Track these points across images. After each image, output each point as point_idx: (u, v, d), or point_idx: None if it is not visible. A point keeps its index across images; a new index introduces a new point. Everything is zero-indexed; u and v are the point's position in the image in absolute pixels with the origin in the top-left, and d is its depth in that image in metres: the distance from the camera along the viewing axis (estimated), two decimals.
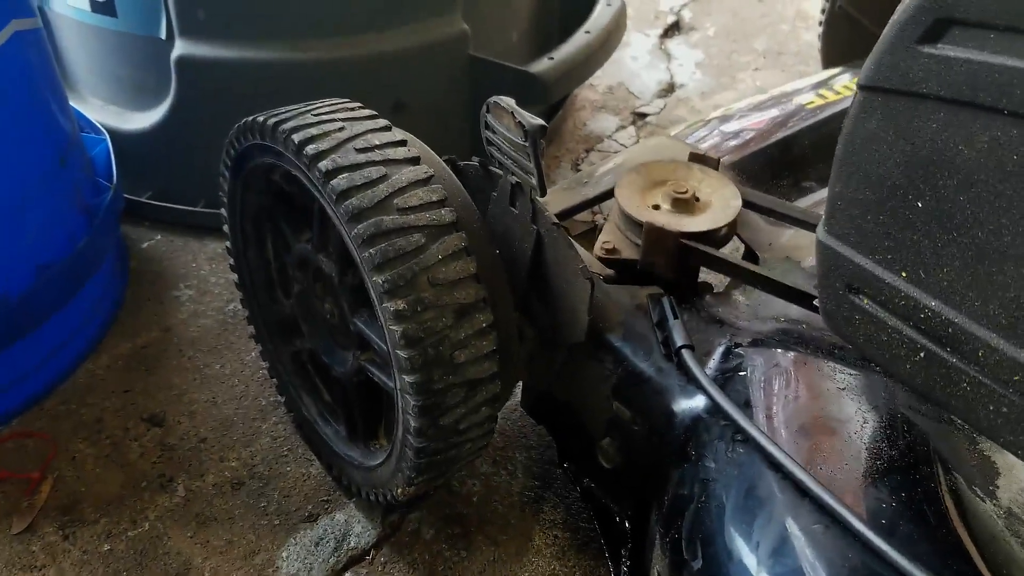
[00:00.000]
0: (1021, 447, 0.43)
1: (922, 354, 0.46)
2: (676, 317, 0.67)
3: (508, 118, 0.67)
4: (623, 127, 1.32)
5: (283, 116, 0.67)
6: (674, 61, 1.47)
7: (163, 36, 1.00)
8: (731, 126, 0.89)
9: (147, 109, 1.06)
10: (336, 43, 1.00)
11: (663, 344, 0.66)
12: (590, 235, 0.82)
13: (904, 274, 0.45)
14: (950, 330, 0.44)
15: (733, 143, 0.87)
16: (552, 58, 1.09)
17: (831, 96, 0.92)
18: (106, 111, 1.10)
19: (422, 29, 1.03)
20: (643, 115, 1.35)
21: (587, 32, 1.15)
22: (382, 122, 0.67)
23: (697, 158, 0.79)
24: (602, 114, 1.34)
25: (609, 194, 0.80)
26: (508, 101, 0.68)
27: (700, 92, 1.39)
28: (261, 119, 0.68)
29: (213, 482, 0.81)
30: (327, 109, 0.69)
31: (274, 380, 0.85)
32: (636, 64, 1.46)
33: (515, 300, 0.68)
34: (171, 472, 0.82)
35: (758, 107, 0.92)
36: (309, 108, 0.69)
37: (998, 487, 0.55)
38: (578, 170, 1.23)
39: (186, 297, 0.99)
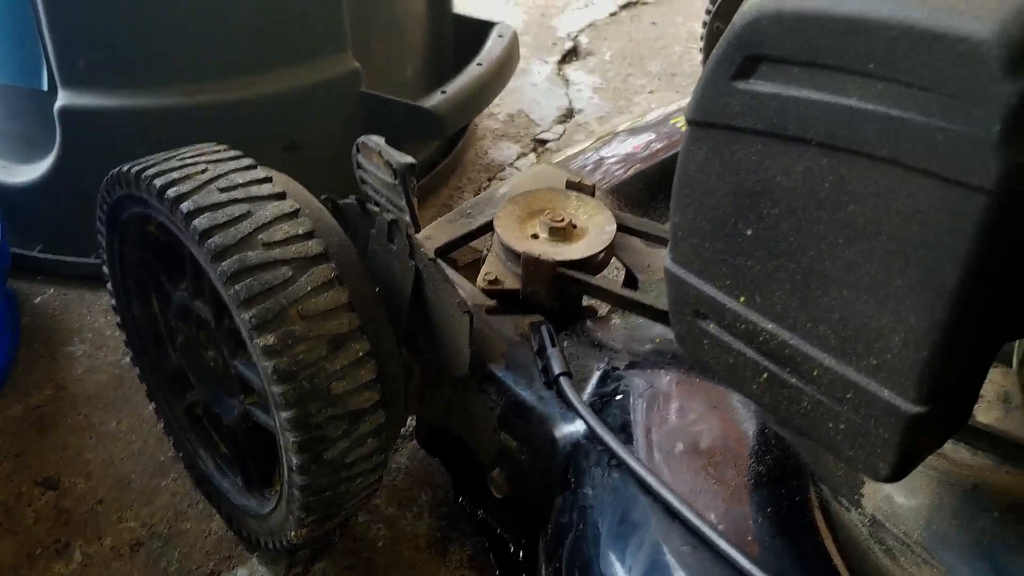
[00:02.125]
0: (860, 461, 0.45)
1: (765, 375, 0.48)
2: (554, 345, 0.68)
3: (377, 157, 0.68)
4: (524, 154, 1.34)
5: (146, 164, 0.68)
6: (572, 87, 1.50)
7: (45, 88, 0.99)
8: (610, 151, 0.91)
9: (34, 161, 1.04)
10: (223, 86, 0.99)
11: (543, 372, 0.67)
12: (478, 264, 0.83)
13: (742, 299, 0.47)
14: (787, 351, 0.46)
15: (613, 168, 0.89)
16: (445, 92, 1.11)
17: None
18: None
19: (312, 68, 1.03)
20: (543, 141, 1.37)
21: (479, 64, 1.17)
22: (246, 161, 0.68)
23: (574, 185, 0.81)
24: (503, 142, 1.36)
25: (490, 226, 0.82)
26: (376, 140, 0.69)
27: (598, 116, 1.42)
28: (126, 169, 0.68)
29: (111, 545, 0.79)
30: (192, 154, 0.69)
31: (170, 437, 0.84)
32: (536, 91, 1.48)
33: (400, 335, 0.69)
34: (67, 537, 0.80)
35: (636, 131, 0.95)
36: (174, 154, 0.70)
37: (863, 496, 0.58)
38: None
39: (81, 352, 0.97)
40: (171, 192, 0.64)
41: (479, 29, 1.25)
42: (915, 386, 0.41)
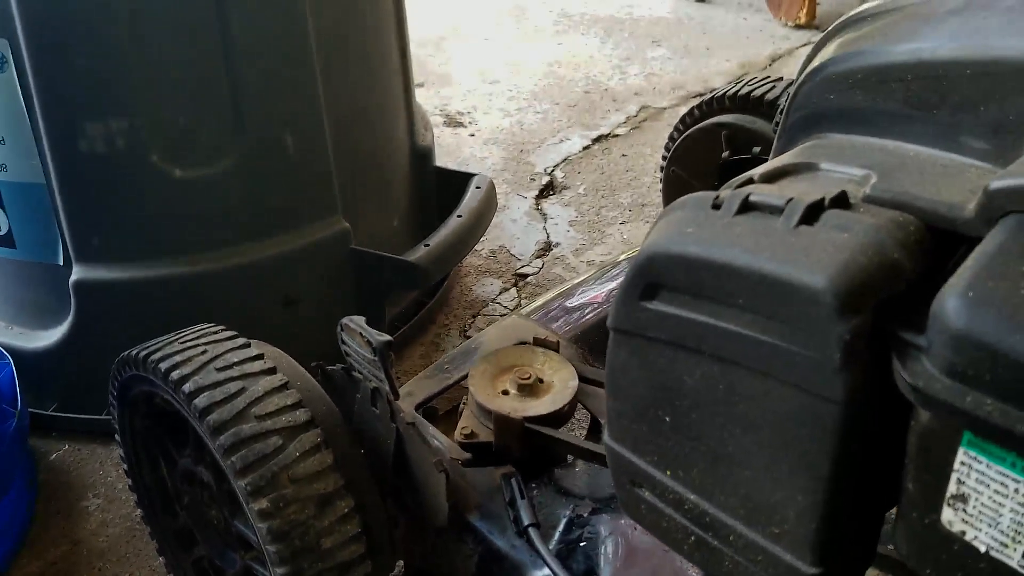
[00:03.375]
0: None
1: (693, 538, 0.55)
2: (523, 497, 0.76)
3: (358, 336, 0.77)
4: (506, 289, 1.43)
5: (152, 348, 0.77)
6: (550, 221, 1.61)
7: (60, 262, 1.09)
8: (573, 302, 1.01)
9: (49, 328, 1.14)
10: (224, 254, 1.09)
11: (514, 523, 0.75)
12: (456, 410, 0.91)
13: (668, 473, 0.55)
14: (708, 519, 0.54)
15: (575, 318, 0.98)
16: (428, 244, 1.21)
17: None
18: (10, 332, 1.17)
19: (306, 232, 1.14)
20: (524, 275, 1.46)
21: (459, 216, 1.27)
22: (240, 341, 0.77)
23: (540, 342, 0.89)
24: (486, 278, 1.46)
25: (465, 379, 0.90)
26: (357, 321, 0.78)
27: (574, 249, 1.52)
28: (135, 353, 0.77)
29: None
30: (191, 336, 0.79)
31: None
32: (515, 227, 1.59)
33: (385, 489, 0.77)
34: None
35: (599, 280, 1.04)
36: (176, 336, 0.79)
37: None
38: (466, 336, 1.33)
39: (94, 507, 1.05)
40: (174, 375, 0.73)
41: (458, 180, 1.36)
42: (810, 551, 0.49)
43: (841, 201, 0.47)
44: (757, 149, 1.18)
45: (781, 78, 1.24)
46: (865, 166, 0.52)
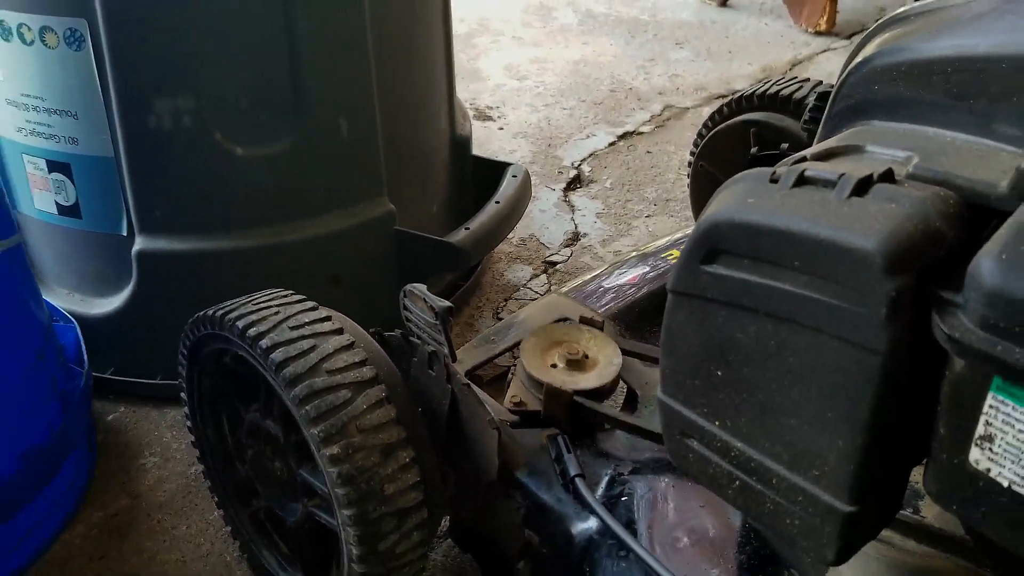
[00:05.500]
0: (812, 550, 0.58)
1: (737, 482, 0.61)
2: (569, 452, 0.82)
3: (421, 302, 0.83)
4: (536, 275, 1.49)
5: (228, 308, 0.83)
6: (577, 212, 1.66)
7: (124, 233, 1.15)
8: (611, 281, 1.07)
9: (109, 295, 1.20)
10: (277, 230, 1.15)
11: (560, 476, 0.81)
12: (503, 379, 0.97)
13: (717, 423, 0.61)
14: (752, 464, 0.60)
15: (611, 298, 1.04)
16: (468, 228, 1.27)
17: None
18: (71, 298, 1.23)
19: (353, 212, 1.20)
20: (553, 263, 1.52)
21: (497, 202, 1.33)
22: (310, 304, 0.83)
23: (586, 320, 0.95)
24: (517, 265, 1.52)
25: (510, 349, 0.96)
26: (420, 288, 0.84)
27: (601, 240, 1.58)
28: (211, 312, 0.83)
29: None
30: (264, 298, 0.85)
31: (237, 541, 0.97)
32: (545, 216, 1.65)
33: (437, 447, 0.83)
34: None
35: (632, 263, 1.10)
36: (250, 299, 0.85)
37: None
38: (499, 318, 1.39)
39: (151, 464, 1.11)
40: (251, 331, 0.79)
41: (495, 169, 1.42)
42: (847, 491, 0.55)
43: (888, 176, 0.53)
44: (785, 145, 1.24)
45: (808, 79, 1.30)
46: (908, 149, 0.58)
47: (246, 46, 1.07)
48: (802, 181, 0.54)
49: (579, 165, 1.82)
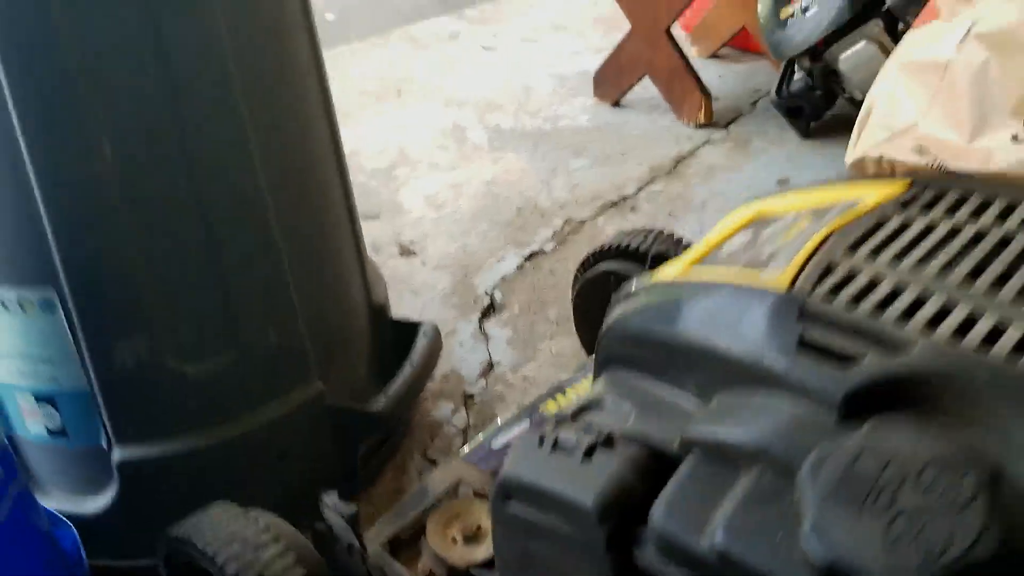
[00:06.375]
0: None
1: None
2: None
3: (332, 508, 1.10)
4: (456, 410, 1.75)
5: (184, 527, 1.08)
6: (491, 341, 1.93)
7: (104, 446, 1.40)
8: (498, 442, 1.33)
9: (97, 495, 1.45)
10: (227, 427, 1.41)
11: None
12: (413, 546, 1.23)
13: None
14: None
15: (497, 463, 1.30)
16: (387, 394, 1.53)
17: (564, 400, 1.38)
18: (64, 499, 1.49)
19: (288, 398, 1.45)
20: (471, 395, 1.79)
21: (411, 365, 1.60)
22: (252, 515, 1.09)
23: (477, 493, 1.22)
24: (441, 401, 1.78)
25: (420, 519, 1.22)
26: (331, 496, 1.11)
27: (512, 367, 1.85)
28: (172, 531, 1.09)
29: None
30: (215, 515, 1.10)
31: None
32: (463, 350, 1.92)
33: None
34: None
35: (516, 419, 1.37)
36: (203, 514, 1.11)
37: None
38: (427, 456, 1.65)
39: None
40: (209, 550, 1.05)
41: (408, 330, 1.69)
42: None
43: (608, 441, 0.80)
44: None
45: (652, 230, 1.58)
46: (633, 401, 0.85)
47: (187, 291, 1.33)
48: (555, 446, 0.82)
49: (492, 292, 2.10)
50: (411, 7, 4.53)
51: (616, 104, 2.95)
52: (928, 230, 0.81)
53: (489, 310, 2.04)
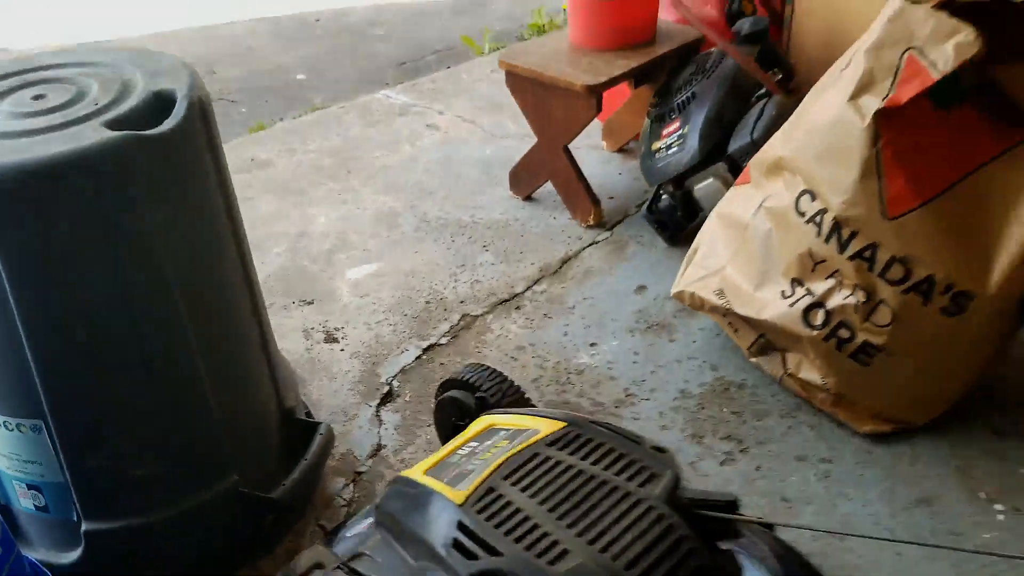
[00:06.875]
0: None
1: None
2: None
3: None
4: (347, 485, 2.32)
5: None
6: (383, 426, 2.49)
7: (75, 519, 1.97)
8: (351, 531, 1.89)
9: (71, 551, 2.02)
10: (163, 509, 1.98)
11: None
12: None
13: None
14: None
15: (350, 547, 1.86)
16: (285, 485, 2.10)
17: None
18: (46, 553, 2.06)
19: (211, 488, 2.02)
20: (360, 473, 2.35)
21: (306, 460, 2.16)
22: None
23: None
24: (336, 477, 2.34)
25: None
26: None
27: (394, 450, 2.41)
28: None
29: None
30: None
31: None
32: (360, 432, 2.47)
33: None
34: None
35: (364, 515, 1.93)
36: None
37: None
38: (320, 525, 2.21)
39: None
40: None
41: (308, 428, 2.25)
42: None
43: None
44: (468, 419, 2.07)
45: (488, 369, 2.13)
46: (381, 563, 1.41)
47: (133, 417, 1.90)
48: None
49: (391, 381, 2.65)
50: (375, 68, 5.08)
51: (528, 198, 3.49)
52: (554, 466, 1.37)
53: (387, 397, 2.60)
